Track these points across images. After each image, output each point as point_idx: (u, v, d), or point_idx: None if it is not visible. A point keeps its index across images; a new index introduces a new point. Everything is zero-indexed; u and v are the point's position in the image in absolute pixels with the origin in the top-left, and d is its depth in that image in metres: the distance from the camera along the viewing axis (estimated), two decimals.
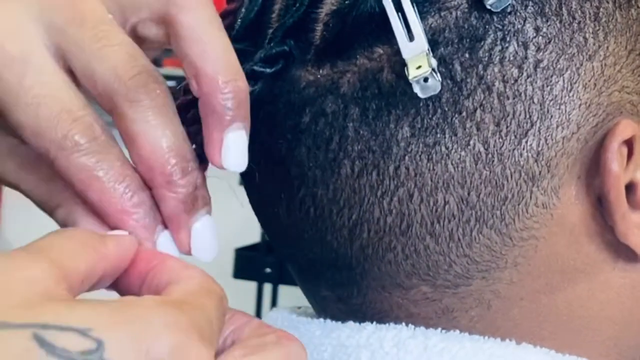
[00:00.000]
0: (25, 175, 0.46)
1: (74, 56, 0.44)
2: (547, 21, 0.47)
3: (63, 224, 0.45)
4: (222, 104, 0.43)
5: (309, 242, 0.50)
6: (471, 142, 0.46)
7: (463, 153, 0.47)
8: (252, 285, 3.58)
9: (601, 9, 0.48)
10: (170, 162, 0.43)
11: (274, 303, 3.66)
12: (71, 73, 0.44)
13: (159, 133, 0.43)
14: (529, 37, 0.47)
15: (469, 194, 0.47)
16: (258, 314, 3.46)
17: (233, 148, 0.44)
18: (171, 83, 0.48)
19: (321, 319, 0.51)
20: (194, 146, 0.45)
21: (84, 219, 0.44)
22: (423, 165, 0.47)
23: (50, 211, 0.45)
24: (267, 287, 3.45)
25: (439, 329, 0.49)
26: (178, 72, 0.54)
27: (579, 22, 0.47)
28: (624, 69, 0.48)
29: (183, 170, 0.44)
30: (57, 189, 0.45)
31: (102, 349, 0.35)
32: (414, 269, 0.48)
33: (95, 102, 0.44)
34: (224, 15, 0.52)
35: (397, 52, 0.46)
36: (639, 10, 0.49)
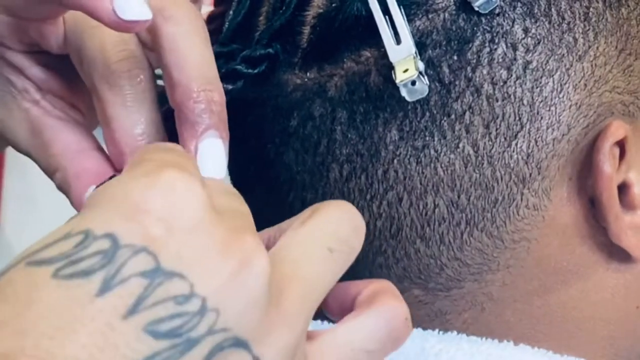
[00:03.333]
0: (34, 142, 0.47)
1: (69, 28, 0.44)
2: (536, 22, 0.46)
3: (59, 187, 0.46)
4: (195, 113, 0.43)
5: None
6: (460, 145, 0.46)
7: (452, 156, 0.46)
8: None
9: (591, 9, 0.47)
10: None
11: None
12: None
13: (134, 119, 0.43)
14: (518, 39, 0.46)
15: (458, 196, 0.47)
16: None
17: (209, 156, 0.43)
18: None
19: (318, 321, 0.51)
20: None
21: (76, 182, 0.44)
22: (412, 169, 0.47)
23: (50, 176, 0.46)
24: None
25: (436, 330, 0.49)
26: None
27: (569, 23, 0.47)
28: (614, 69, 0.48)
29: None
30: (54, 155, 0.46)
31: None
32: (405, 273, 0.48)
33: None
34: (211, 19, 0.52)
35: (384, 55, 0.45)
36: (630, 9, 0.49)
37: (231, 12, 0.51)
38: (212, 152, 0.43)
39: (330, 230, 0.39)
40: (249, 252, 0.35)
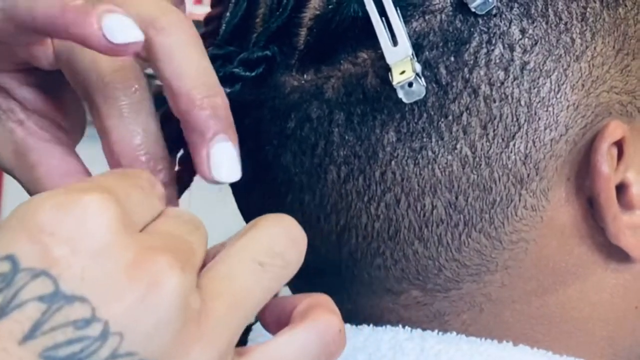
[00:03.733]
0: (18, 162, 0.46)
1: (58, 44, 0.44)
2: (533, 22, 0.46)
3: None
4: (202, 120, 0.43)
5: None
6: (458, 146, 0.46)
7: (450, 157, 0.46)
8: None
9: (588, 9, 0.47)
10: (140, 160, 0.44)
11: None
12: None
13: (132, 130, 0.43)
14: (515, 39, 0.46)
15: (456, 198, 0.47)
16: None
17: (222, 160, 0.43)
18: None
19: None
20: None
21: None
22: (410, 170, 0.46)
23: None
24: None
25: (436, 331, 0.49)
26: None
27: (566, 23, 0.47)
28: (612, 69, 0.48)
29: (152, 169, 0.44)
30: (39, 178, 0.46)
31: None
32: (403, 274, 0.48)
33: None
34: (207, 21, 0.51)
35: (381, 56, 0.45)
36: (627, 9, 0.49)
37: (228, 14, 0.50)
38: (224, 156, 0.43)
39: (264, 244, 0.39)
40: (158, 272, 0.35)
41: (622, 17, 0.48)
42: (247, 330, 0.55)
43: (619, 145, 0.47)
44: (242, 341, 0.53)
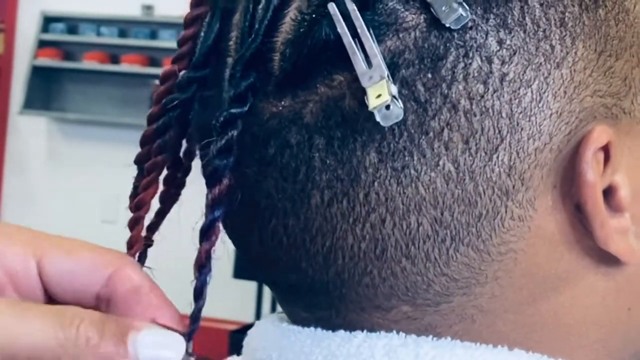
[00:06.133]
0: None
1: None
2: (510, 33, 0.46)
3: None
4: None
5: (284, 269, 0.49)
6: (440, 163, 0.45)
7: (433, 174, 0.46)
8: (252, 285, 3.59)
9: (567, 14, 0.46)
10: None
11: (273, 303, 3.66)
12: None
13: None
14: (493, 51, 0.45)
15: (442, 214, 0.46)
16: (258, 314, 3.48)
17: None
18: None
19: (312, 328, 0.51)
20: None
21: None
22: (393, 190, 0.46)
23: None
24: (267, 287, 3.45)
25: (430, 336, 0.48)
26: None
27: (544, 30, 0.46)
28: (595, 73, 0.47)
29: None
30: None
31: None
32: (392, 291, 0.48)
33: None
34: (182, 42, 0.51)
35: (357, 78, 0.45)
36: (607, 10, 0.48)
37: (202, 34, 0.50)
38: None
39: None
40: None
41: (603, 18, 0.47)
42: (245, 331, 0.55)
43: (605, 149, 0.47)
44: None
